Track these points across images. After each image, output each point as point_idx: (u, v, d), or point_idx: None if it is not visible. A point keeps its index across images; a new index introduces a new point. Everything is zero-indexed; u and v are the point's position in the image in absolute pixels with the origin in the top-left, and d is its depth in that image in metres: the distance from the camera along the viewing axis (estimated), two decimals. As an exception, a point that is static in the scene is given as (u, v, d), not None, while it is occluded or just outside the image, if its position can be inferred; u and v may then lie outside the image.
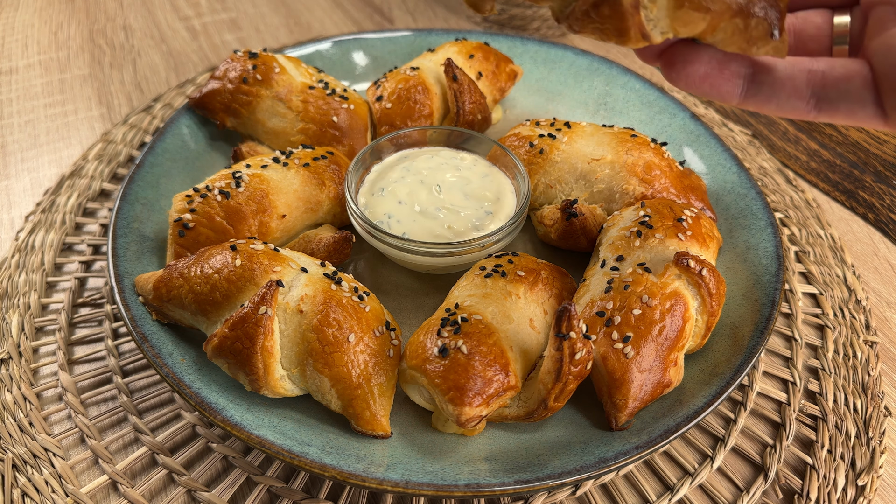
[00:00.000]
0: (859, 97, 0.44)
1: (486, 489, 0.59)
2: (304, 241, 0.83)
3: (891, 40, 0.43)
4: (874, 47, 0.44)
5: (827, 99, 0.44)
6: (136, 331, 0.70)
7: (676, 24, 0.43)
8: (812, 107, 0.45)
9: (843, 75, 0.44)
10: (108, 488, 0.68)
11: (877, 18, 0.45)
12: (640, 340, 0.65)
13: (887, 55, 0.43)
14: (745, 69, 0.45)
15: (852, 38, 0.48)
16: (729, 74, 0.45)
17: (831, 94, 0.44)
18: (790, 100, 0.45)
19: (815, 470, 0.69)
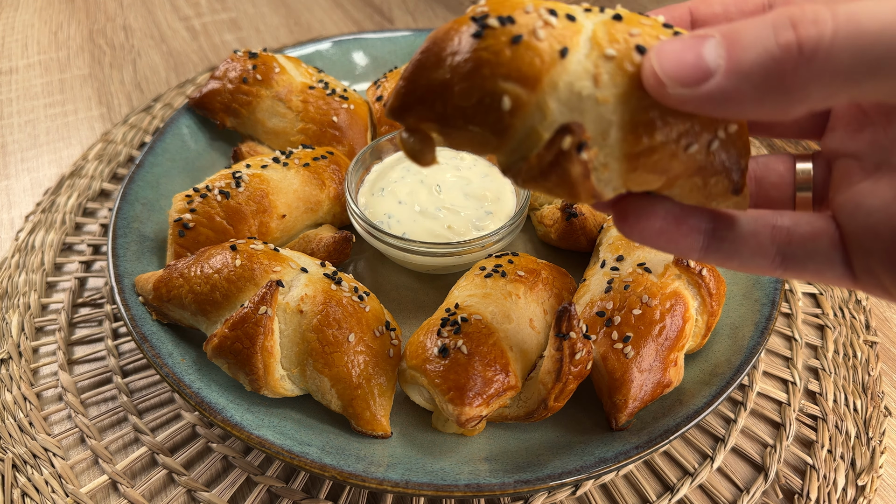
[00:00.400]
0: (827, 258, 0.41)
1: (486, 489, 0.59)
2: (304, 241, 0.83)
3: (857, 198, 0.41)
4: (840, 203, 0.42)
5: (793, 258, 0.42)
6: (135, 331, 0.70)
7: (630, 184, 0.41)
8: (777, 265, 0.42)
9: (810, 234, 0.42)
10: (108, 488, 0.68)
11: (841, 170, 0.44)
12: (640, 340, 0.65)
13: (854, 215, 0.41)
14: (704, 223, 0.42)
15: (816, 187, 0.46)
16: (687, 229, 0.42)
17: (798, 253, 0.42)
18: (754, 257, 0.42)
19: (815, 470, 0.69)
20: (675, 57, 0.35)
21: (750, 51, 0.33)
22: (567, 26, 0.40)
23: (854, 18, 0.31)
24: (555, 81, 0.39)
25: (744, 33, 0.34)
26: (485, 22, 0.40)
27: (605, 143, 0.39)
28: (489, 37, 0.40)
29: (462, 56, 0.40)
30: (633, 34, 0.40)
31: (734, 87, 0.33)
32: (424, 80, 0.41)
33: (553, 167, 0.39)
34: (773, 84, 0.33)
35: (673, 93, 0.35)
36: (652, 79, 0.36)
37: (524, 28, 0.40)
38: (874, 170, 0.42)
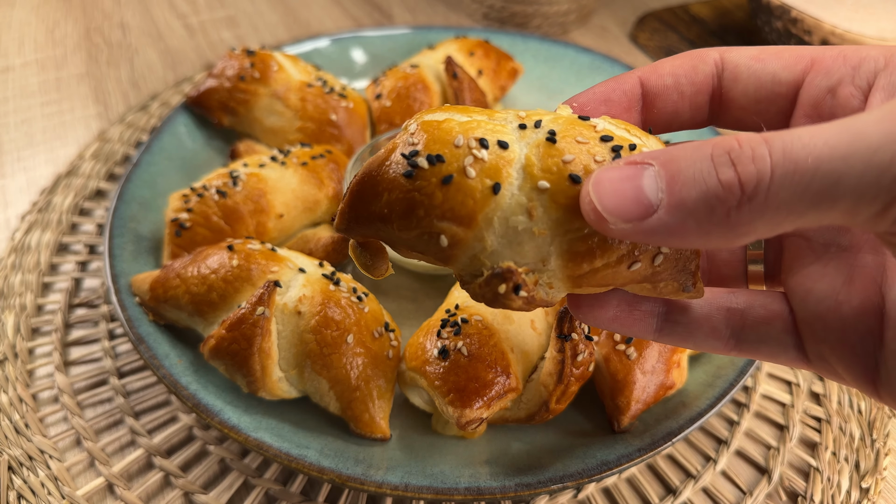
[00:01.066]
0: (780, 342, 0.42)
1: (487, 492, 0.58)
2: (303, 241, 0.82)
3: (808, 283, 0.41)
4: (792, 287, 0.43)
5: (747, 341, 0.42)
6: (132, 332, 0.69)
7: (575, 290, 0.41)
8: (732, 347, 0.43)
9: (764, 317, 0.42)
10: (104, 490, 0.67)
11: (792, 250, 0.44)
12: (643, 342, 0.64)
13: (805, 301, 0.41)
14: (657, 307, 0.43)
15: (767, 264, 0.46)
16: (640, 315, 0.42)
17: (751, 337, 0.42)
18: (707, 339, 0.42)
19: (819, 472, 0.69)
20: (613, 191, 0.35)
21: (691, 187, 0.33)
22: (498, 157, 0.40)
23: (790, 155, 0.31)
24: (489, 218, 0.39)
25: (682, 165, 0.33)
26: (415, 161, 0.40)
27: (546, 269, 0.40)
28: (419, 178, 0.40)
29: (396, 195, 0.41)
30: (567, 161, 0.39)
31: (679, 224, 0.33)
32: (365, 210, 0.42)
33: (494, 300, 0.40)
34: (717, 221, 0.32)
35: (615, 228, 0.35)
36: (592, 214, 0.36)
37: (453, 166, 0.40)
38: (823, 251, 0.42)
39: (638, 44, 1.36)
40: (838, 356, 0.40)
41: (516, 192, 0.40)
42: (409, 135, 0.42)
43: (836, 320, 0.40)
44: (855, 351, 0.39)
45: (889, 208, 0.30)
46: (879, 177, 0.29)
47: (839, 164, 0.30)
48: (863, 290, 0.39)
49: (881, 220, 0.31)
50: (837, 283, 0.40)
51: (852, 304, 0.39)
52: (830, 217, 0.32)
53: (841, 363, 0.40)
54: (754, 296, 0.43)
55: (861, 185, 0.30)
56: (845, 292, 0.40)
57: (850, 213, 0.31)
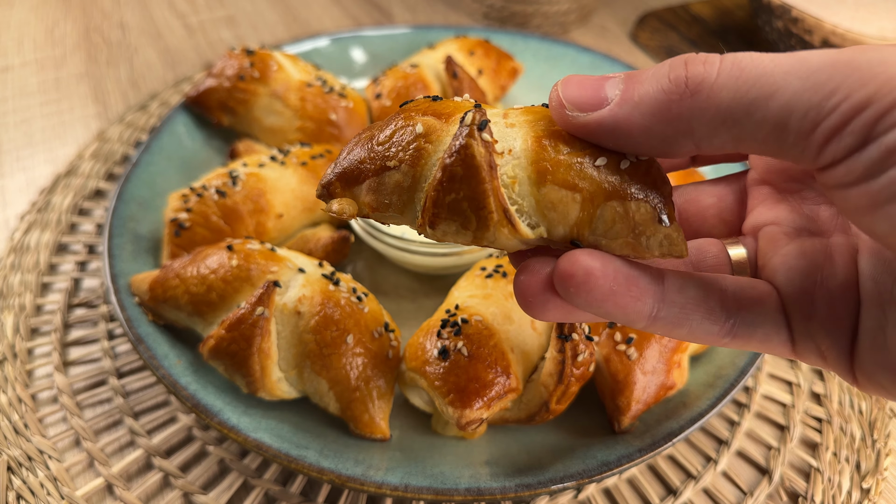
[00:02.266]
0: (774, 323, 0.40)
1: (487, 493, 0.58)
2: (302, 241, 0.82)
3: (787, 261, 0.41)
4: (775, 267, 0.42)
5: (742, 324, 0.40)
6: (131, 332, 0.69)
7: (543, 209, 0.38)
8: (727, 332, 0.40)
9: (757, 297, 0.41)
10: (103, 491, 0.67)
11: (766, 239, 0.45)
12: (644, 342, 0.64)
13: (791, 278, 0.41)
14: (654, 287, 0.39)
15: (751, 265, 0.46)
16: (638, 292, 0.38)
17: (747, 319, 0.40)
18: (703, 323, 0.40)
19: (819, 472, 0.68)
20: (577, 85, 0.39)
21: (644, 85, 0.37)
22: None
23: (738, 63, 0.34)
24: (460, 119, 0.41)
25: (644, 72, 0.37)
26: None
27: (512, 157, 0.39)
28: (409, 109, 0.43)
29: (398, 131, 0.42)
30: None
31: (624, 115, 0.37)
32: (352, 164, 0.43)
33: (456, 154, 0.38)
34: (659, 113, 0.36)
35: (570, 115, 0.39)
36: (555, 101, 0.40)
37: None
38: (795, 235, 0.43)
39: (638, 43, 1.36)
40: (826, 331, 0.39)
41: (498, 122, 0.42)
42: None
43: (824, 293, 0.39)
44: (841, 324, 0.39)
45: (816, 127, 0.32)
46: (813, 93, 0.32)
47: (779, 78, 0.33)
48: (844, 264, 0.40)
49: (808, 145, 0.33)
50: (819, 258, 0.41)
51: (837, 278, 0.39)
52: (764, 131, 0.33)
53: (827, 339, 0.39)
54: (743, 280, 0.42)
55: (793, 99, 0.32)
56: (828, 266, 0.40)
57: (781, 129, 0.33)
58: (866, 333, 0.38)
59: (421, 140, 0.41)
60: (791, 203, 0.46)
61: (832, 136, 0.32)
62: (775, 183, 0.47)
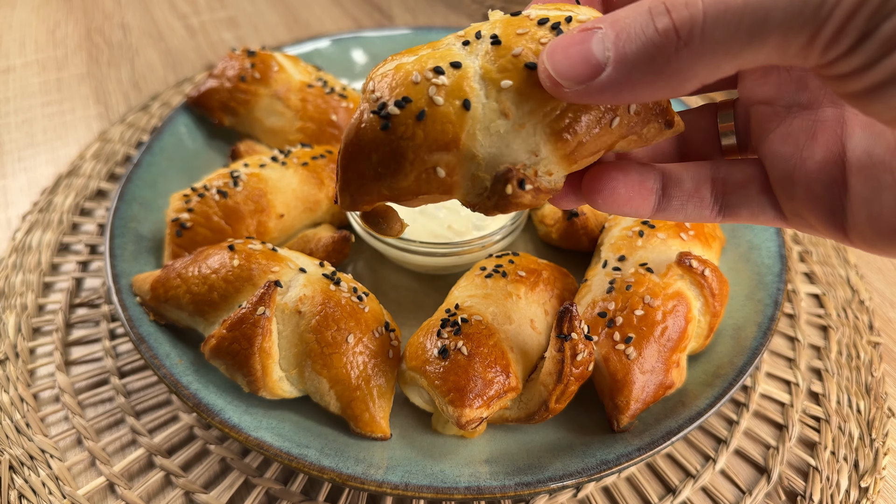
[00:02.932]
0: (758, 203, 0.46)
1: (487, 492, 0.58)
2: (303, 241, 0.82)
3: (774, 146, 0.45)
4: (763, 152, 0.46)
5: (729, 206, 0.46)
6: (133, 331, 0.69)
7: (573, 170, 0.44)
8: (717, 213, 0.47)
9: (742, 182, 0.46)
10: (105, 490, 0.68)
11: (758, 118, 0.47)
12: (643, 341, 0.64)
13: (774, 163, 0.44)
14: (657, 186, 0.47)
15: (739, 134, 0.49)
16: (646, 192, 0.46)
17: (732, 202, 0.46)
18: (697, 209, 0.47)
19: (818, 471, 0.69)
20: (565, 56, 0.37)
21: (633, 40, 0.35)
22: (456, 76, 0.42)
23: None
24: (472, 133, 0.41)
25: (625, 22, 0.35)
26: (385, 112, 0.42)
27: (540, 158, 0.42)
28: (395, 125, 0.42)
29: (382, 151, 0.42)
30: (517, 53, 0.41)
31: (625, 77, 0.36)
32: (359, 178, 0.44)
33: (506, 204, 0.42)
34: (659, 68, 0.35)
35: (570, 90, 0.38)
36: (549, 80, 0.39)
37: (421, 101, 0.42)
38: (786, 113, 0.45)
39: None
40: (809, 209, 0.43)
41: (485, 101, 0.41)
42: (370, 92, 0.44)
43: (803, 176, 0.43)
44: (822, 201, 0.42)
45: (815, 37, 0.32)
46: (802, 7, 0.32)
47: (766, 0, 0.32)
48: (825, 144, 0.42)
49: (810, 52, 0.33)
50: (801, 141, 0.43)
51: (815, 159, 0.42)
52: (764, 53, 0.34)
53: (812, 215, 0.43)
54: (733, 164, 0.47)
55: (787, 17, 0.32)
56: (809, 149, 0.43)
57: (782, 48, 0.33)
58: (861, 202, 0.40)
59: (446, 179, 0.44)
60: (780, 74, 0.46)
61: (831, 42, 0.32)
62: None
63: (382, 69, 0.45)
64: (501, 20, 0.44)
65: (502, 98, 0.41)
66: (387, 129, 0.42)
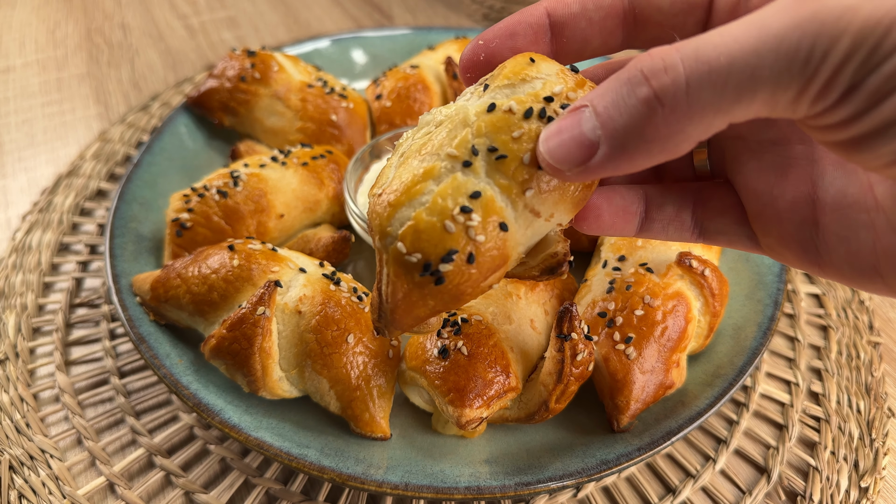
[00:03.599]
0: (735, 233, 0.47)
1: (487, 492, 0.58)
2: (303, 241, 0.82)
3: (748, 182, 0.45)
4: (738, 185, 0.46)
5: (708, 231, 0.48)
6: (133, 331, 0.69)
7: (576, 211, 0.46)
8: (697, 236, 0.48)
9: (720, 210, 0.47)
10: (105, 490, 0.68)
11: (731, 150, 0.47)
12: (643, 341, 0.64)
13: (748, 198, 0.45)
14: (640, 208, 0.48)
15: (712, 164, 0.50)
16: (630, 216, 0.47)
17: (711, 228, 0.47)
18: (678, 232, 0.48)
19: (818, 471, 0.69)
20: (559, 143, 0.38)
21: (619, 113, 0.35)
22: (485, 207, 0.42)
23: (703, 58, 0.32)
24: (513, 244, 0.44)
25: (607, 97, 0.35)
26: (436, 270, 0.42)
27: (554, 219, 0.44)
28: (451, 276, 0.42)
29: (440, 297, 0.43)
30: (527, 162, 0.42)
31: (619, 151, 0.36)
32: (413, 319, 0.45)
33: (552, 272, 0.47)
34: (650, 136, 0.34)
35: (571, 173, 0.39)
36: (549, 169, 0.40)
37: (467, 247, 0.42)
38: (758, 147, 0.45)
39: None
40: (783, 245, 0.44)
41: (515, 213, 0.43)
42: (400, 251, 0.42)
43: (773, 214, 0.43)
44: (794, 239, 0.43)
45: (804, 91, 0.32)
46: (790, 64, 0.31)
47: (751, 59, 0.32)
48: (795, 183, 0.43)
49: (799, 105, 0.33)
50: (772, 179, 0.44)
51: (786, 198, 0.43)
52: (754, 109, 0.34)
53: (786, 251, 0.44)
54: (712, 191, 0.47)
55: (774, 74, 0.32)
56: (779, 187, 0.43)
57: (771, 103, 0.33)
58: (836, 240, 0.41)
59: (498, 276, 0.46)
60: None
61: (819, 97, 0.33)
62: None
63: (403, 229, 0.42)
64: (485, 122, 0.43)
65: (529, 202, 0.42)
66: (441, 283, 0.42)
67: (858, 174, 0.40)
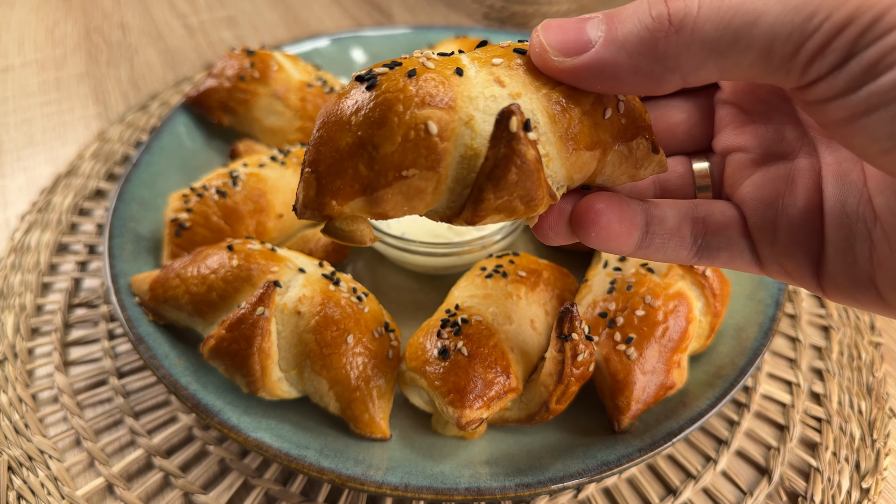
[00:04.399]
0: (737, 246, 0.46)
1: (487, 493, 0.58)
2: (302, 241, 0.82)
3: (754, 191, 0.45)
4: (741, 197, 0.46)
5: (708, 247, 0.46)
6: (132, 332, 0.69)
7: (572, 172, 0.42)
8: (694, 254, 0.47)
9: (723, 223, 0.46)
10: (104, 491, 0.67)
11: (734, 164, 0.48)
12: (643, 342, 0.64)
13: (755, 208, 0.45)
14: (642, 219, 0.46)
15: (714, 183, 0.50)
16: (631, 227, 0.46)
17: (712, 243, 0.46)
18: (676, 250, 0.47)
19: (819, 472, 0.69)
20: (558, 29, 0.39)
21: (627, 24, 0.37)
22: (446, 58, 0.42)
23: None
24: (468, 95, 0.39)
25: (623, 12, 0.38)
26: (372, 72, 0.40)
27: (539, 132, 0.40)
28: (385, 81, 0.39)
29: (366, 109, 0.38)
30: (504, 45, 0.43)
31: (611, 57, 0.37)
32: (332, 151, 0.38)
33: (508, 161, 0.37)
34: (646, 52, 0.36)
35: (555, 60, 0.39)
36: (537, 47, 0.40)
37: (412, 64, 0.40)
38: (762, 160, 0.45)
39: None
40: (789, 255, 0.43)
41: (477, 71, 0.41)
42: (355, 76, 0.41)
43: (785, 222, 0.43)
44: (804, 248, 0.42)
45: (799, 49, 0.33)
46: (793, 15, 0.33)
47: (759, 4, 0.34)
48: (805, 192, 0.43)
49: (792, 67, 0.34)
50: (781, 187, 0.44)
51: (798, 206, 0.43)
52: (748, 60, 0.35)
53: (791, 262, 0.43)
54: (713, 206, 0.47)
55: (776, 24, 0.33)
56: (790, 195, 0.43)
57: (765, 56, 0.34)
58: (835, 252, 0.41)
59: (437, 142, 0.38)
60: (757, 127, 0.47)
61: (815, 56, 0.33)
62: (742, 104, 0.48)
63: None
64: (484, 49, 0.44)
65: (494, 71, 0.40)
66: (373, 87, 0.38)
67: (857, 185, 0.41)
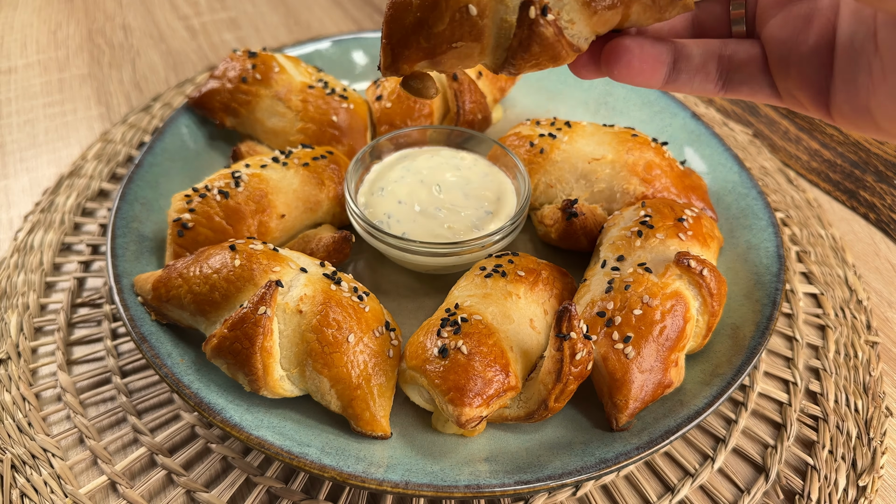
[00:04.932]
0: (757, 81, 0.51)
1: (487, 490, 0.59)
2: (304, 241, 0.82)
3: (774, 31, 0.49)
4: (765, 36, 0.51)
5: (732, 81, 0.52)
6: (134, 331, 0.70)
7: (596, 27, 0.48)
8: (720, 88, 0.52)
9: (745, 60, 0.51)
10: (107, 489, 0.68)
11: (763, 5, 0.51)
12: (641, 341, 0.65)
13: (773, 46, 0.49)
14: (668, 58, 0.51)
15: (748, 19, 0.54)
16: (659, 65, 0.51)
17: (735, 78, 0.51)
18: (702, 83, 0.52)
19: (816, 470, 0.69)
20: None
21: None
22: None
23: None
24: None
25: None
26: None
27: (563, 2, 0.46)
28: None
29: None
30: None
31: None
32: (401, 29, 0.49)
33: (531, 39, 0.47)
34: None
35: None
36: None
37: None
38: (788, 1, 0.49)
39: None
40: (800, 88, 0.48)
41: None
42: None
43: (797, 58, 0.48)
44: (812, 82, 0.47)
45: None
46: None
47: None
48: (818, 31, 0.47)
49: None
50: (798, 27, 0.48)
51: (809, 44, 0.47)
52: None
53: (802, 94, 0.48)
54: (738, 44, 0.52)
55: None
56: (804, 34, 0.48)
57: None
58: (842, 83, 0.46)
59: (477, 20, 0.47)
60: None
61: None
62: None
63: None
64: None
65: None
66: None
67: (868, 22, 0.44)
